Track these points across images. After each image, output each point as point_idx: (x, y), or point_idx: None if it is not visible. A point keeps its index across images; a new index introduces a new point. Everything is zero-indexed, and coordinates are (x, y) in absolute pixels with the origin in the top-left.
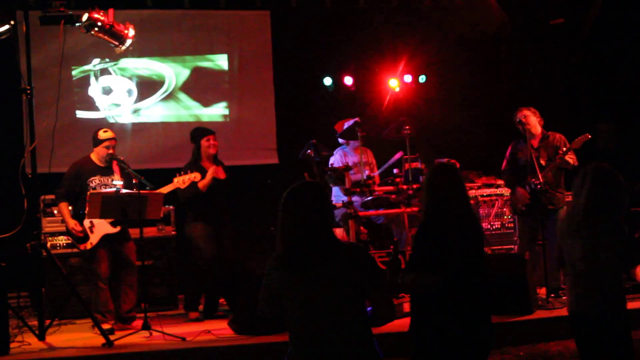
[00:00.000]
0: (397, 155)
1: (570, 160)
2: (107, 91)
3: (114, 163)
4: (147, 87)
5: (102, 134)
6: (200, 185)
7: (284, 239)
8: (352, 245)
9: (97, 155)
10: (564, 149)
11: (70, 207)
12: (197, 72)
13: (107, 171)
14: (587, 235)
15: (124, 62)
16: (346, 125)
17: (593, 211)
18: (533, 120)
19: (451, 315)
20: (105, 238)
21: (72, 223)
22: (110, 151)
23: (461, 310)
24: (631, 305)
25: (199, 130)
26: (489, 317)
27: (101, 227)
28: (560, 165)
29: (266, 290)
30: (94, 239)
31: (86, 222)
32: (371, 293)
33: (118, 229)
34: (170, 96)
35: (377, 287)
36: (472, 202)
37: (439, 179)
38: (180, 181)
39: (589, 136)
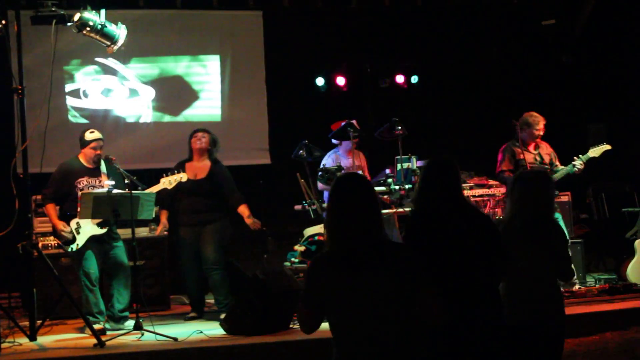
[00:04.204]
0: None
1: (582, 167)
2: (98, 91)
3: (102, 164)
4: (138, 87)
5: (88, 135)
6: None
7: (334, 235)
8: (402, 246)
9: (85, 157)
10: (581, 156)
11: (57, 207)
12: (189, 72)
13: (95, 172)
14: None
15: (116, 62)
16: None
17: (512, 218)
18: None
19: (455, 315)
20: (93, 239)
21: (60, 225)
22: (98, 152)
23: (466, 309)
24: (623, 305)
25: (192, 131)
26: (498, 316)
27: (88, 228)
28: (577, 171)
29: (310, 295)
30: (80, 240)
31: (72, 224)
32: (419, 296)
33: (105, 229)
34: (162, 96)
35: (426, 291)
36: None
37: (433, 175)
38: (167, 181)
39: (610, 147)
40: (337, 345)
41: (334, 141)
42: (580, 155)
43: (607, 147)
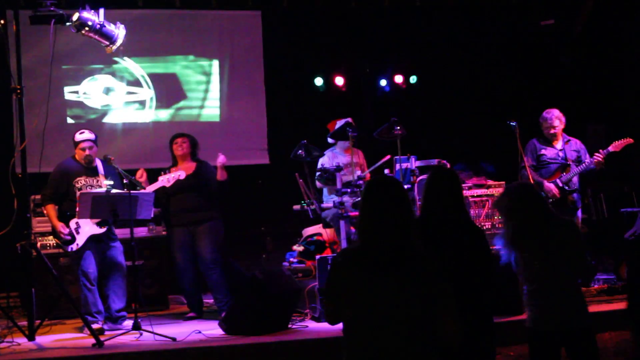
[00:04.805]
0: (385, 159)
1: (603, 163)
2: (97, 91)
3: (100, 164)
4: (137, 87)
5: (77, 136)
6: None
7: (364, 235)
8: (427, 255)
9: (78, 157)
10: (601, 151)
11: (56, 208)
12: (187, 72)
13: (92, 171)
14: (523, 249)
15: (114, 62)
16: (339, 124)
17: (520, 226)
18: (560, 128)
19: None
20: (92, 239)
21: (59, 226)
22: (87, 152)
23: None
24: (622, 305)
25: (171, 137)
26: (489, 324)
27: (87, 228)
28: (594, 166)
29: (330, 287)
30: (80, 240)
31: (72, 223)
32: (437, 311)
33: (104, 229)
34: (160, 96)
35: (445, 302)
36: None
37: (434, 183)
38: (165, 179)
39: (631, 140)
40: (349, 343)
41: (330, 140)
42: (600, 150)
43: (629, 140)
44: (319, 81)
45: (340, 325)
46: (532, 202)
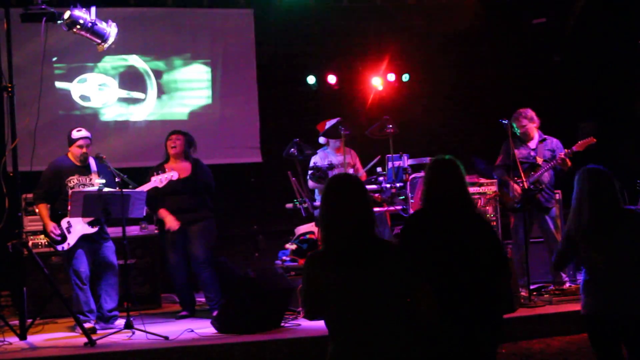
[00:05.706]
0: (376, 159)
1: (568, 162)
2: (88, 89)
3: (93, 162)
4: (129, 85)
5: (75, 133)
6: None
7: (326, 235)
8: (393, 244)
9: (72, 155)
10: (566, 151)
11: (48, 207)
12: (179, 70)
13: (85, 170)
14: (594, 236)
15: (106, 60)
16: (328, 124)
17: (595, 212)
18: (530, 127)
19: (450, 316)
20: (84, 238)
21: (51, 226)
22: (84, 150)
23: (462, 310)
24: None
25: (168, 133)
26: (496, 319)
27: (79, 227)
28: (558, 165)
29: (310, 292)
30: (71, 239)
31: (63, 222)
32: (410, 294)
33: (96, 228)
34: (152, 94)
35: (416, 288)
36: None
37: (436, 173)
38: (158, 180)
39: (594, 140)
40: (332, 340)
41: (320, 141)
42: (565, 150)
43: (592, 140)
44: (311, 79)
45: None
46: (603, 187)
